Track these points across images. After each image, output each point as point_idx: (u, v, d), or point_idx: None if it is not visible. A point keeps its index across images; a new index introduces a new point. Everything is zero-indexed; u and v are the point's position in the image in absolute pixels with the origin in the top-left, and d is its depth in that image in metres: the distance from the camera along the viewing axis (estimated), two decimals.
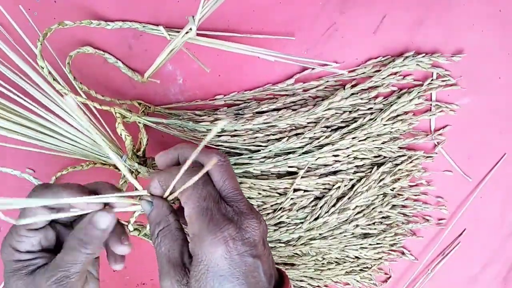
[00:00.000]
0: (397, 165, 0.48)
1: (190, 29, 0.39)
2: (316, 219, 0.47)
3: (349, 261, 0.51)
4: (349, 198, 0.47)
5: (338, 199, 0.47)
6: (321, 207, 0.47)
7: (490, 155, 0.51)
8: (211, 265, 0.28)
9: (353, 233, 0.50)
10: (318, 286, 0.52)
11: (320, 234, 0.48)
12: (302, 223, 0.47)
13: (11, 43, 0.41)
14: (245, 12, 0.44)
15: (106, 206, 0.33)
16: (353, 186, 0.48)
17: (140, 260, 0.51)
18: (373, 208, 0.49)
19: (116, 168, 0.44)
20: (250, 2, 0.44)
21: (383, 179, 0.48)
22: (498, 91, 0.49)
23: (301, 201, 0.47)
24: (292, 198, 0.47)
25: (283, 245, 0.49)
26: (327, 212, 0.47)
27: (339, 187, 0.47)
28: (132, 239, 0.49)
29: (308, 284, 0.52)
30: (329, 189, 0.48)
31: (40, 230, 0.34)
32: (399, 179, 0.49)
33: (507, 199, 0.52)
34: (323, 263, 0.51)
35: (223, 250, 0.28)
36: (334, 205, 0.47)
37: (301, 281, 0.51)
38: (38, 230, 0.33)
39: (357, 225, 0.49)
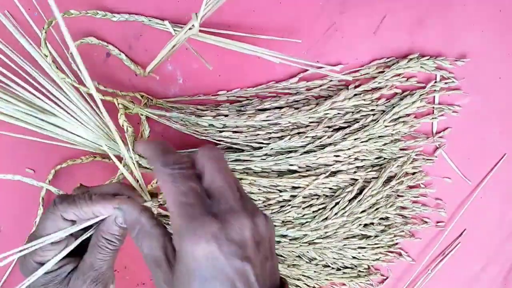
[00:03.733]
0: (398, 166, 0.48)
1: (193, 25, 0.39)
2: (324, 219, 0.47)
3: (348, 263, 0.51)
4: (358, 201, 0.47)
5: (349, 202, 0.47)
6: (331, 209, 0.47)
7: (490, 156, 0.51)
8: (191, 265, 0.25)
9: (353, 233, 0.50)
10: (313, 287, 0.52)
11: (325, 232, 0.48)
12: (308, 222, 0.47)
13: (18, 30, 0.41)
14: (245, 13, 0.44)
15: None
16: (361, 191, 0.48)
17: (140, 260, 0.50)
18: (377, 209, 0.49)
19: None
20: (250, 2, 0.44)
21: (390, 180, 0.48)
22: (498, 91, 0.49)
23: (308, 201, 0.47)
24: (304, 197, 0.47)
25: (287, 240, 0.49)
26: (337, 214, 0.47)
27: (350, 190, 0.47)
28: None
29: (305, 284, 0.52)
30: (331, 188, 0.48)
31: (63, 241, 0.34)
32: (402, 181, 0.49)
33: (507, 200, 0.52)
34: (322, 268, 0.51)
35: (204, 249, 0.25)
36: (344, 208, 0.47)
37: (298, 279, 0.51)
38: (61, 241, 0.34)
39: (360, 224, 0.49)
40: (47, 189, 0.46)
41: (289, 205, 0.47)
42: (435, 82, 0.48)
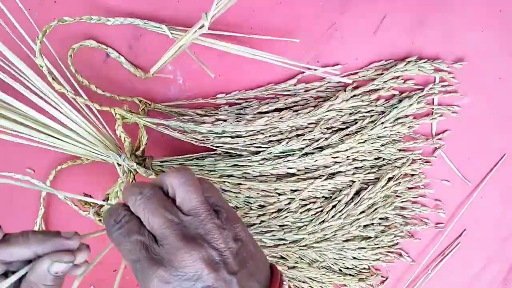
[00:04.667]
0: (397, 167, 0.48)
1: (203, 25, 0.39)
2: (321, 222, 0.47)
3: (348, 264, 0.51)
4: (355, 204, 0.47)
5: (345, 204, 0.47)
6: (327, 212, 0.47)
7: (490, 156, 0.51)
8: None
9: (352, 234, 0.50)
10: None
11: (324, 235, 0.48)
12: (306, 225, 0.47)
13: (11, 41, 0.41)
14: (245, 13, 0.44)
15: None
16: (359, 192, 0.48)
17: None
18: (375, 209, 0.49)
19: (117, 163, 0.44)
20: (250, 2, 0.44)
21: (388, 181, 0.48)
22: (498, 91, 0.49)
23: (305, 205, 0.47)
24: (302, 199, 0.47)
25: (286, 243, 0.49)
26: (333, 216, 0.47)
27: (347, 193, 0.47)
28: None
29: (310, 287, 0.52)
30: (329, 190, 0.48)
31: None
32: (400, 182, 0.49)
33: (507, 200, 0.52)
34: (324, 272, 0.51)
35: None
36: (340, 211, 0.47)
37: (303, 282, 0.51)
38: None
39: (359, 226, 0.49)
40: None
41: (286, 209, 0.47)
42: (434, 84, 0.47)
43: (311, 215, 0.47)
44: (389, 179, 0.48)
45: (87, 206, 0.40)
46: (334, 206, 0.47)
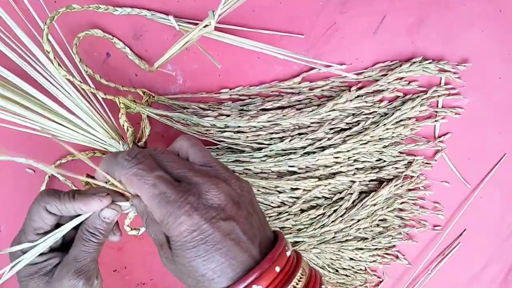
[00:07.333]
0: (397, 168, 0.48)
1: (209, 23, 0.39)
2: (322, 226, 0.47)
3: (345, 265, 0.51)
4: (356, 210, 0.47)
5: (346, 209, 0.47)
6: (328, 216, 0.47)
7: (490, 156, 0.51)
8: (183, 241, 0.29)
9: (351, 235, 0.50)
10: None
11: (323, 238, 0.48)
12: (306, 228, 0.47)
13: (21, 23, 0.41)
14: (245, 12, 0.44)
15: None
16: (360, 195, 0.48)
17: (140, 260, 0.51)
18: (374, 211, 0.48)
19: None
20: (250, 2, 0.44)
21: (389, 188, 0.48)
22: (498, 91, 0.49)
23: (306, 210, 0.47)
24: (304, 201, 0.47)
25: None
26: (334, 221, 0.47)
27: (348, 199, 0.47)
28: (132, 239, 0.49)
29: None
30: (330, 190, 0.48)
31: (48, 233, 0.35)
32: (401, 186, 0.49)
33: (507, 200, 0.52)
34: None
35: (188, 224, 0.28)
36: (342, 215, 0.47)
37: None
38: (45, 233, 0.35)
39: (358, 229, 0.49)
40: (47, 184, 0.46)
41: (287, 212, 0.47)
42: (438, 86, 0.47)
43: (311, 218, 0.47)
44: (390, 180, 0.48)
45: (87, 186, 0.41)
46: (335, 211, 0.47)
